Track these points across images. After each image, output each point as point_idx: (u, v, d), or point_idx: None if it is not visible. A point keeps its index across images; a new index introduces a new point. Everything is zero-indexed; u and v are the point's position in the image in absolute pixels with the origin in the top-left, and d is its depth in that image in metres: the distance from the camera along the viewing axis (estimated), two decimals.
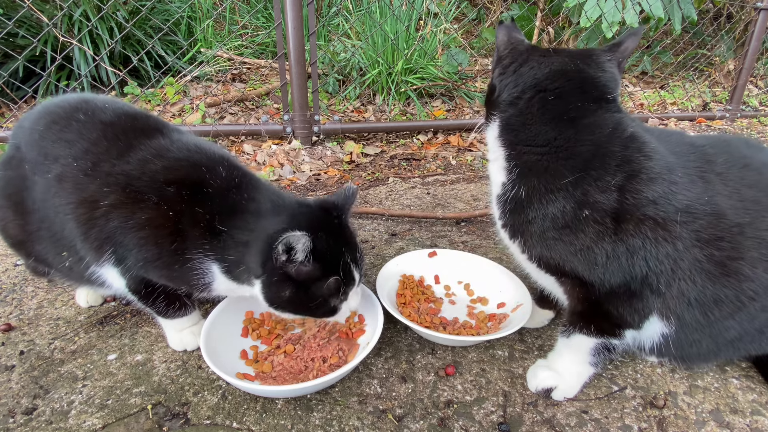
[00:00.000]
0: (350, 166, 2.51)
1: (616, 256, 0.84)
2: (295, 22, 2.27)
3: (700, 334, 0.91)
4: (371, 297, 1.15)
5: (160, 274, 0.95)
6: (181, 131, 1.05)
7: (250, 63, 3.72)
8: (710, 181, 0.87)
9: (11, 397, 0.96)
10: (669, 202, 0.83)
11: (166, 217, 0.89)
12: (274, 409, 0.94)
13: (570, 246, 0.86)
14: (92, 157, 0.94)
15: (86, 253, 0.96)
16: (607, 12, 3.32)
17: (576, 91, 0.90)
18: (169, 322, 1.09)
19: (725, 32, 4.65)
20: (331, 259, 0.90)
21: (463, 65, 3.61)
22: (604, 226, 0.83)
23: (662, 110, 3.88)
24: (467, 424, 0.92)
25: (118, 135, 0.96)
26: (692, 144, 0.94)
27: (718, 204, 0.85)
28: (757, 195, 0.88)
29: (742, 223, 0.85)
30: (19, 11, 2.43)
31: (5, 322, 1.18)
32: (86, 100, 1.03)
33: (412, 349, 1.13)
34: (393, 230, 1.77)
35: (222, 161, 0.97)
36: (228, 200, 0.92)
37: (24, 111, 2.70)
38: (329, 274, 0.90)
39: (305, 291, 0.90)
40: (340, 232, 0.95)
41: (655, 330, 0.92)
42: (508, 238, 0.98)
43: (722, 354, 1.00)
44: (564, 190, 0.86)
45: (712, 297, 0.86)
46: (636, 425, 0.93)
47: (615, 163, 0.84)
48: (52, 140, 0.98)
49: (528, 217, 0.90)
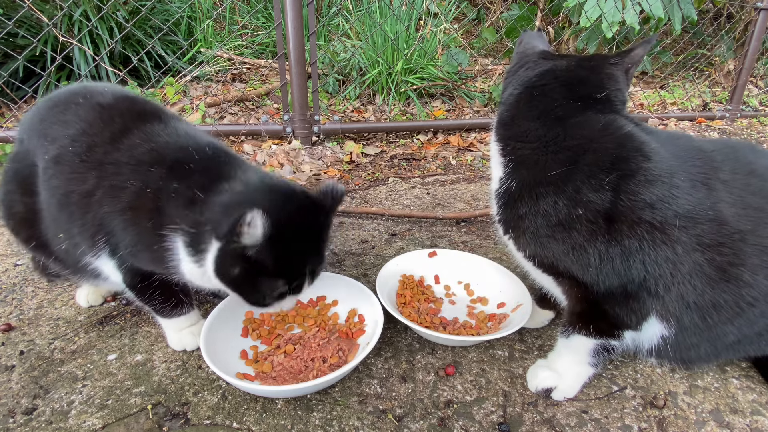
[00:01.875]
0: (350, 166, 2.51)
1: (609, 257, 0.83)
2: (295, 22, 2.27)
3: (699, 337, 0.91)
4: (371, 297, 1.15)
5: (143, 257, 0.94)
6: (179, 119, 1.04)
7: (250, 63, 3.72)
8: (714, 188, 0.86)
9: (11, 397, 0.96)
10: (668, 206, 0.82)
11: (146, 196, 0.88)
12: (274, 409, 0.94)
13: (563, 245, 0.86)
14: (88, 139, 0.94)
15: (81, 241, 0.97)
16: (607, 12, 3.32)
17: (561, 88, 0.91)
18: (168, 322, 1.09)
19: (725, 32, 4.65)
20: (291, 262, 0.86)
21: (463, 65, 3.61)
22: (597, 226, 0.83)
23: (662, 110, 3.88)
24: (467, 424, 0.92)
25: (113, 117, 0.96)
26: (699, 149, 0.93)
27: (721, 211, 0.84)
28: (760, 202, 0.87)
29: (743, 230, 0.84)
30: (19, 11, 2.43)
31: (5, 322, 1.18)
32: (86, 86, 1.05)
33: (412, 349, 1.13)
34: (393, 230, 1.77)
35: (209, 144, 0.95)
36: (207, 176, 0.89)
37: (24, 111, 2.70)
38: (282, 277, 0.87)
39: (251, 278, 0.86)
40: (313, 237, 0.90)
41: (654, 332, 0.92)
42: (502, 233, 0.99)
43: (722, 356, 1.01)
44: (554, 184, 0.85)
45: (712, 301, 0.86)
46: (636, 425, 0.93)
47: (608, 161, 0.83)
48: (51, 122, 0.99)
49: (520, 211, 0.90)
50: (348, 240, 1.68)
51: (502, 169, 0.96)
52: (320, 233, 0.91)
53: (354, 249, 1.61)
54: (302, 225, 0.88)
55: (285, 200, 0.89)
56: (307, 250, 0.89)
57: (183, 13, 3.36)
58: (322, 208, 0.91)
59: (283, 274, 0.87)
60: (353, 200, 2.08)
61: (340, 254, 1.58)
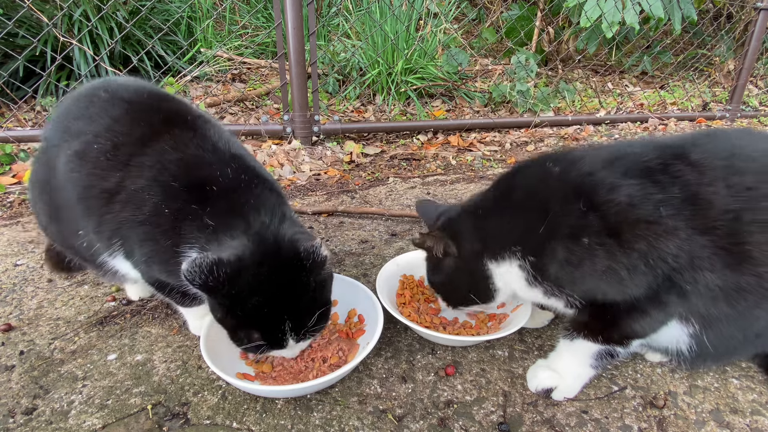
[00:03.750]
0: (350, 166, 2.51)
1: (634, 265, 0.84)
2: (295, 22, 2.27)
3: (730, 327, 0.91)
4: (371, 297, 1.15)
5: (158, 269, 0.94)
6: (207, 119, 1.02)
7: (250, 63, 3.72)
8: (678, 174, 0.87)
9: (11, 397, 0.96)
10: (644, 199, 0.84)
11: (165, 214, 0.88)
12: (274, 409, 0.94)
13: (595, 274, 0.87)
14: (113, 137, 0.92)
15: (98, 240, 0.97)
16: (607, 12, 3.32)
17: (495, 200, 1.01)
18: (189, 311, 1.11)
19: (725, 32, 4.65)
20: (262, 319, 0.84)
21: (463, 65, 3.61)
22: (607, 245, 0.84)
23: (662, 110, 3.88)
24: (467, 424, 0.92)
25: (141, 116, 0.95)
26: (658, 144, 0.94)
27: (699, 193, 0.85)
28: (749, 181, 0.87)
29: (733, 208, 0.84)
30: (19, 11, 2.42)
31: (5, 322, 1.18)
32: (107, 80, 1.05)
33: (412, 349, 1.13)
34: (393, 230, 1.77)
35: (234, 160, 0.93)
36: (224, 206, 0.87)
37: (24, 111, 2.70)
38: (254, 328, 0.85)
39: (230, 324, 0.86)
40: (293, 295, 0.85)
41: (677, 333, 0.93)
42: (546, 296, 0.98)
43: (754, 346, 1.00)
44: (551, 236, 0.88)
45: (733, 286, 0.85)
46: (636, 425, 0.93)
47: (569, 194, 0.88)
48: (74, 116, 0.99)
49: (552, 272, 0.91)
50: (348, 240, 1.68)
51: (521, 272, 0.95)
52: (301, 290, 0.86)
53: (354, 249, 1.61)
54: (277, 281, 0.83)
55: (263, 253, 0.83)
56: (281, 307, 0.84)
57: (183, 13, 3.36)
58: (304, 267, 0.86)
59: (254, 326, 0.85)
60: (353, 200, 2.08)
61: (340, 254, 1.58)
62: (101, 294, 1.32)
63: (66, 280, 1.38)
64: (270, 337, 0.86)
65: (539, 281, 0.93)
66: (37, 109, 2.72)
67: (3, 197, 1.95)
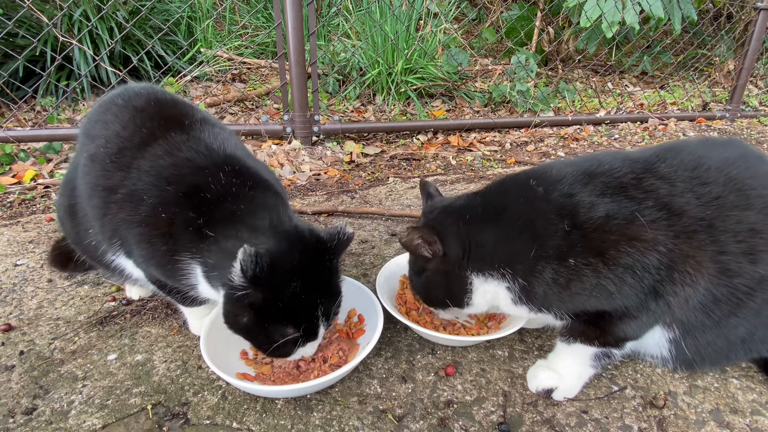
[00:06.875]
0: (350, 166, 2.51)
1: (621, 278, 0.85)
2: (295, 22, 2.27)
3: (710, 333, 0.93)
4: (371, 297, 1.15)
5: (156, 271, 0.96)
6: (204, 122, 1.02)
7: (250, 63, 3.72)
8: (648, 188, 0.89)
9: (11, 397, 0.96)
10: (620, 209, 0.85)
11: (161, 218, 0.88)
12: (274, 409, 0.94)
13: (584, 292, 0.88)
14: (119, 142, 0.96)
15: (102, 239, 1.00)
16: (607, 12, 3.32)
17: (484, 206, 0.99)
18: (190, 310, 1.12)
19: (725, 32, 4.65)
20: (298, 306, 0.84)
21: (463, 65, 3.61)
22: (593, 263, 0.86)
23: (662, 110, 3.88)
24: (467, 424, 0.92)
25: (144, 122, 0.97)
26: (627, 159, 0.96)
27: (670, 204, 0.87)
28: (717, 191, 0.89)
29: (705, 217, 0.86)
30: (19, 11, 2.42)
31: (5, 322, 1.18)
32: (127, 87, 1.08)
33: (412, 349, 1.13)
34: (393, 230, 1.77)
35: (228, 162, 0.93)
36: (220, 212, 0.87)
37: (24, 111, 2.70)
38: (290, 322, 0.85)
39: (260, 326, 0.84)
40: (322, 280, 0.88)
41: (660, 337, 0.95)
42: (539, 312, 0.98)
43: (736, 354, 1.02)
44: (538, 258, 0.89)
45: (712, 295, 0.87)
46: (636, 425, 0.93)
47: (550, 214, 0.89)
48: (94, 120, 1.04)
49: (538, 293, 0.92)
50: None
51: (508, 293, 0.96)
52: (328, 274, 0.89)
53: (354, 249, 1.61)
54: (308, 267, 0.85)
55: (290, 242, 0.86)
56: (314, 292, 0.86)
57: (183, 13, 3.36)
58: (329, 250, 0.89)
59: (290, 319, 0.85)
60: (353, 200, 2.08)
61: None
62: (101, 294, 1.32)
63: (66, 280, 1.38)
64: (306, 326, 0.86)
65: (525, 301, 0.94)
66: (37, 109, 2.72)
67: (3, 197, 1.95)
